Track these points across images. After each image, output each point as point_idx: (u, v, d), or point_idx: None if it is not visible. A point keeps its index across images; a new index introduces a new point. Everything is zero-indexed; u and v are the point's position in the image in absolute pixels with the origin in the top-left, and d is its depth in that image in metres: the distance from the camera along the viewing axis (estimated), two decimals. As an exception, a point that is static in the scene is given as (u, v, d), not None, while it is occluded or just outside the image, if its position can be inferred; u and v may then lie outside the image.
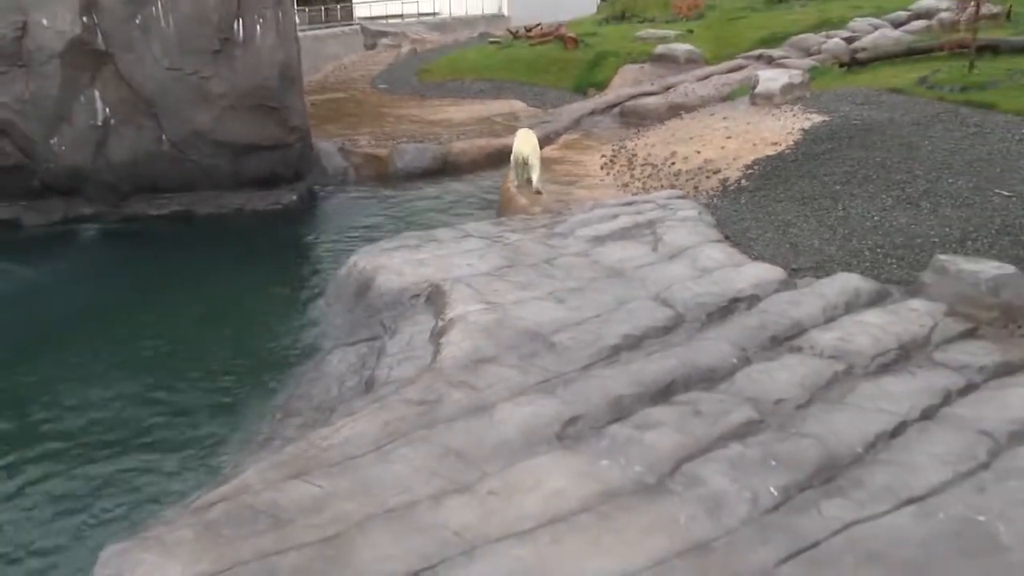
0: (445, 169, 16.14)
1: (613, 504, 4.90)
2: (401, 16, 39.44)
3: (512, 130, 17.83)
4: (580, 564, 4.42)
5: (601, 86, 21.78)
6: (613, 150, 14.29)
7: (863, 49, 18.53)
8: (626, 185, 12.35)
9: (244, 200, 13.92)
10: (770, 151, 12.12)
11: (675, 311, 7.47)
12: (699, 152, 12.85)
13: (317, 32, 30.80)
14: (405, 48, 30.14)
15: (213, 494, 5.12)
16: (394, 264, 8.96)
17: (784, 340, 6.99)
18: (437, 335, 7.29)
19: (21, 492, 6.56)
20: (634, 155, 13.70)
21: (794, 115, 13.62)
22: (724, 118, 14.46)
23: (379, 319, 8.26)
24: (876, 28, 21.98)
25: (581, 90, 21.67)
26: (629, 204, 10.73)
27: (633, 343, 6.91)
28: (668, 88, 20.02)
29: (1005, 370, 6.55)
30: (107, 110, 13.07)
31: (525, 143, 12.30)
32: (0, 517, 6.26)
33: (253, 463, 5.56)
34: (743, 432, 5.61)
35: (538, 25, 27.74)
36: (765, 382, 6.22)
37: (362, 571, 4.40)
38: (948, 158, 10.71)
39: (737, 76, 19.81)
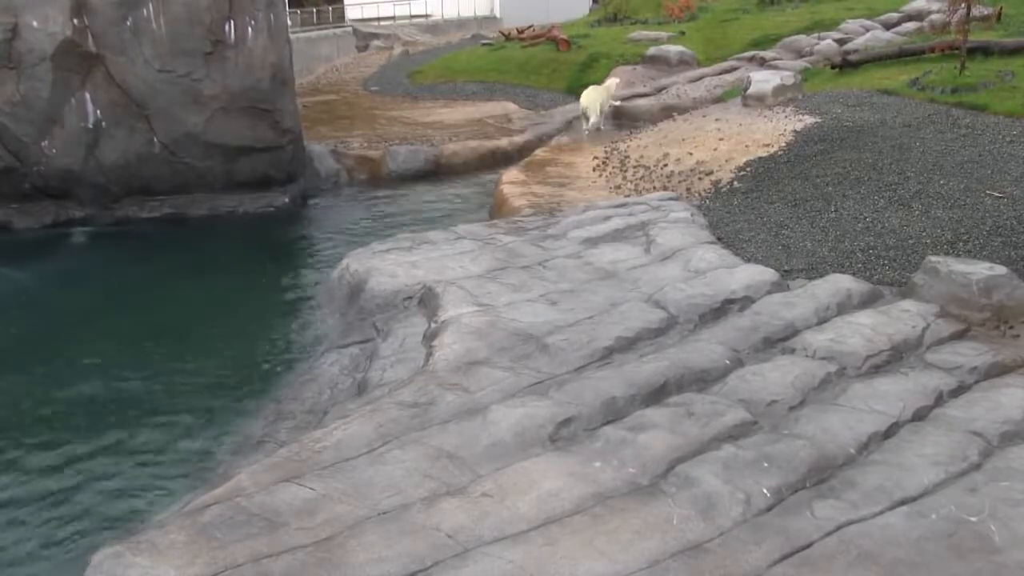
0: (438, 171, 16.13)
1: (606, 506, 4.90)
2: (393, 18, 39.41)
3: (505, 131, 17.94)
4: (573, 566, 4.42)
5: (593, 88, 21.79)
6: (605, 152, 14.30)
7: (855, 51, 18.57)
8: (618, 187, 12.36)
9: (236, 202, 13.88)
10: (762, 153, 12.14)
11: (668, 313, 7.48)
12: (691, 154, 12.87)
13: (309, 34, 30.78)
14: (397, 50, 30.11)
15: (206, 497, 5.11)
16: (386, 266, 8.95)
17: (777, 341, 7.01)
18: (430, 337, 7.29)
19: (12, 495, 6.53)
20: (626, 157, 13.71)
21: (786, 117, 13.65)
22: (716, 120, 14.48)
23: (371, 321, 8.26)
24: (867, 30, 22.01)
25: (573, 92, 21.63)
26: (622, 206, 10.74)
27: (626, 345, 6.92)
28: (660, 90, 20.03)
29: (997, 371, 6.58)
30: (98, 112, 13.02)
31: (585, 96, 16.47)
32: (-9, 521, 6.24)
33: (246, 466, 5.55)
34: (736, 433, 5.62)
35: (530, 27, 27.74)
36: (758, 383, 6.23)
37: (355, 573, 4.40)
38: (939, 160, 10.75)
39: (729, 78, 19.82)
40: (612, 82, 17.68)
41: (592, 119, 16.40)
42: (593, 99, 16.48)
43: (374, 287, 8.63)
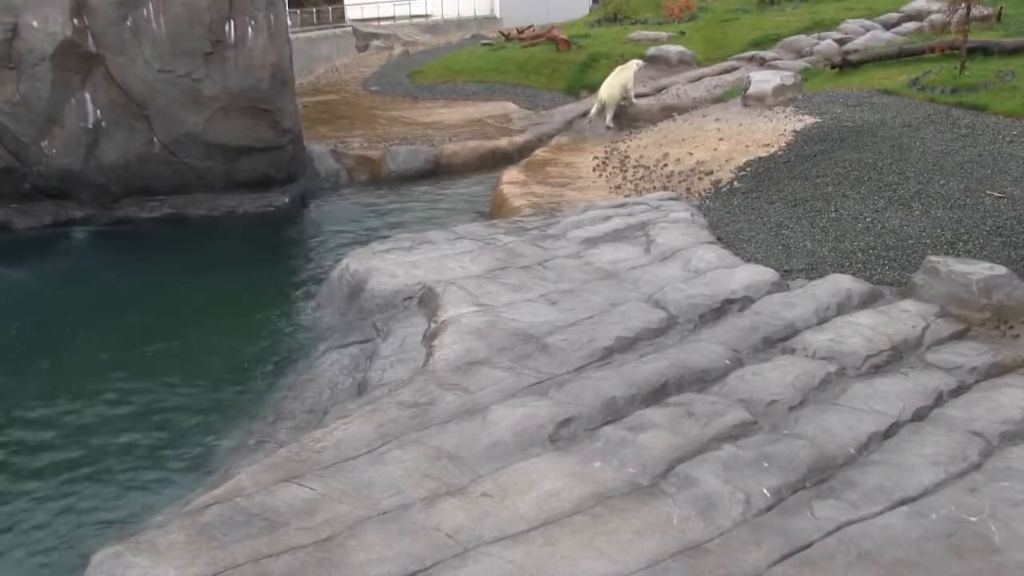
0: (438, 171, 16.13)
1: (606, 506, 4.90)
2: (393, 18, 39.42)
3: (505, 131, 17.93)
4: (573, 566, 4.42)
5: (593, 88, 21.75)
6: (605, 152, 14.30)
7: (855, 51, 18.57)
8: (618, 187, 12.36)
9: (236, 202, 13.88)
10: (762, 153, 12.14)
11: (668, 313, 7.47)
12: (691, 154, 12.87)
13: (309, 34, 30.79)
14: (397, 50, 30.10)
15: (206, 497, 5.11)
16: (386, 266, 8.95)
17: (777, 341, 7.00)
18: (430, 337, 7.29)
19: (11, 495, 6.53)
20: (626, 157, 13.72)
21: (786, 117, 13.65)
22: (716, 120, 14.48)
23: (371, 321, 8.26)
24: (867, 30, 21.99)
25: (573, 92, 21.64)
26: (621, 206, 10.74)
27: (626, 345, 6.92)
28: (660, 90, 20.02)
29: (997, 371, 6.58)
30: (98, 112, 13.02)
31: (604, 88, 17.14)
32: (-9, 521, 6.24)
33: (246, 466, 5.55)
34: (736, 433, 5.62)
35: (530, 27, 27.73)
36: (758, 383, 6.23)
37: (355, 573, 4.40)
38: (939, 160, 10.75)
39: (729, 78, 19.81)
40: (632, 63, 17.69)
41: (608, 114, 16.95)
42: (611, 92, 16.91)
43: (374, 287, 8.63)
